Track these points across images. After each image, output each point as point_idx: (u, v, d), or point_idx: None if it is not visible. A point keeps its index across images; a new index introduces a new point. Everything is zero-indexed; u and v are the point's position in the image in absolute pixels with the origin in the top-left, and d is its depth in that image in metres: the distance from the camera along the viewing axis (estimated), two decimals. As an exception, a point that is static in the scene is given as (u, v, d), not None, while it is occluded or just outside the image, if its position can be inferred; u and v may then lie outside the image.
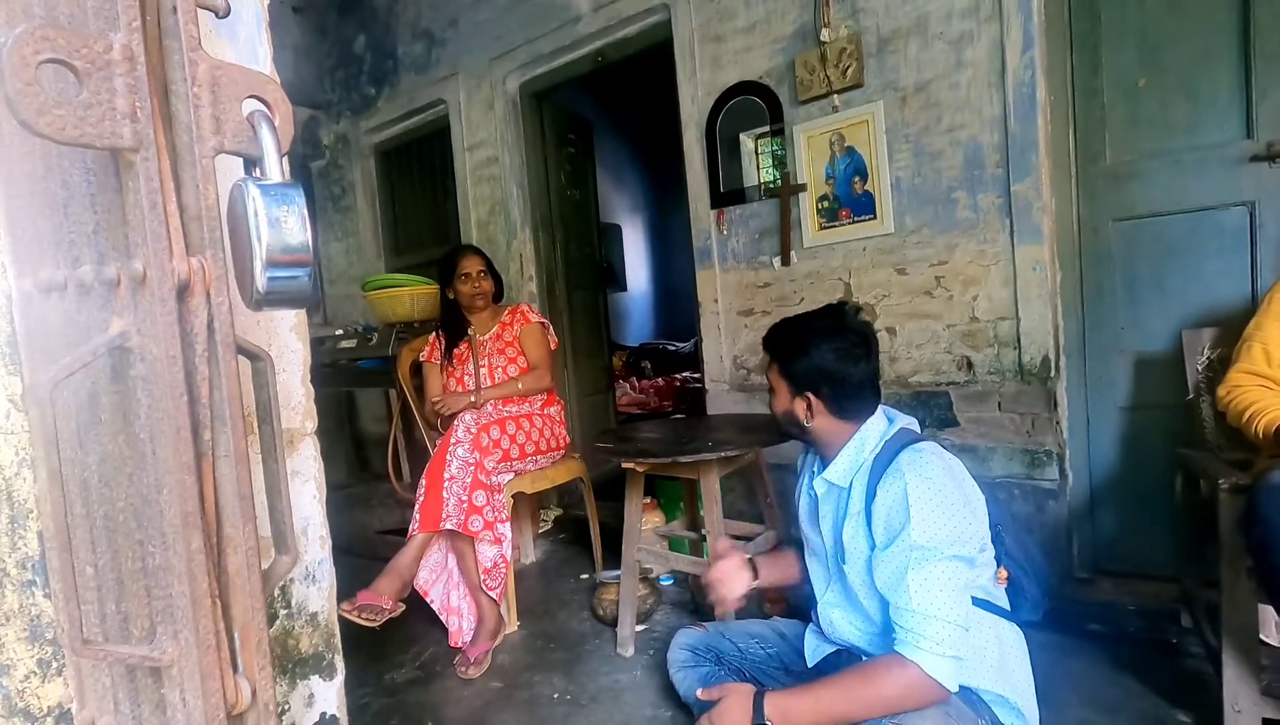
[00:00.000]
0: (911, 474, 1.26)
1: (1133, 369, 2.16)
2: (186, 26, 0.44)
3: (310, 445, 0.82)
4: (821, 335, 1.39)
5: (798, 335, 1.42)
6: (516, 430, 2.40)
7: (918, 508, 1.22)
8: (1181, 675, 1.75)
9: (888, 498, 1.27)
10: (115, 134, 0.41)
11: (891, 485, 1.28)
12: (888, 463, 1.32)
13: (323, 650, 0.81)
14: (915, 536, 1.21)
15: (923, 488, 1.24)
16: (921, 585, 1.18)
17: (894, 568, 1.22)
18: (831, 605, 1.47)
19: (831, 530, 1.45)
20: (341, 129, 4.44)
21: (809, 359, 1.39)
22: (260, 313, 0.59)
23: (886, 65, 2.40)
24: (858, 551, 1.35)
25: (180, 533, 0.43)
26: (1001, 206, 2.23)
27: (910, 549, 1.21)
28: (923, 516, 1.22)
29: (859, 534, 1.34)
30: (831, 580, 1.47)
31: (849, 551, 1.36)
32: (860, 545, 1.34)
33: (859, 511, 1.34)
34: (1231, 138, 1.95)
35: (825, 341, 1.38)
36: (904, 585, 1.19)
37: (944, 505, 1.23)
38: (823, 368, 1.38)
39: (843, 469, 1.39)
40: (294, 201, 0.45)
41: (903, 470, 1.28)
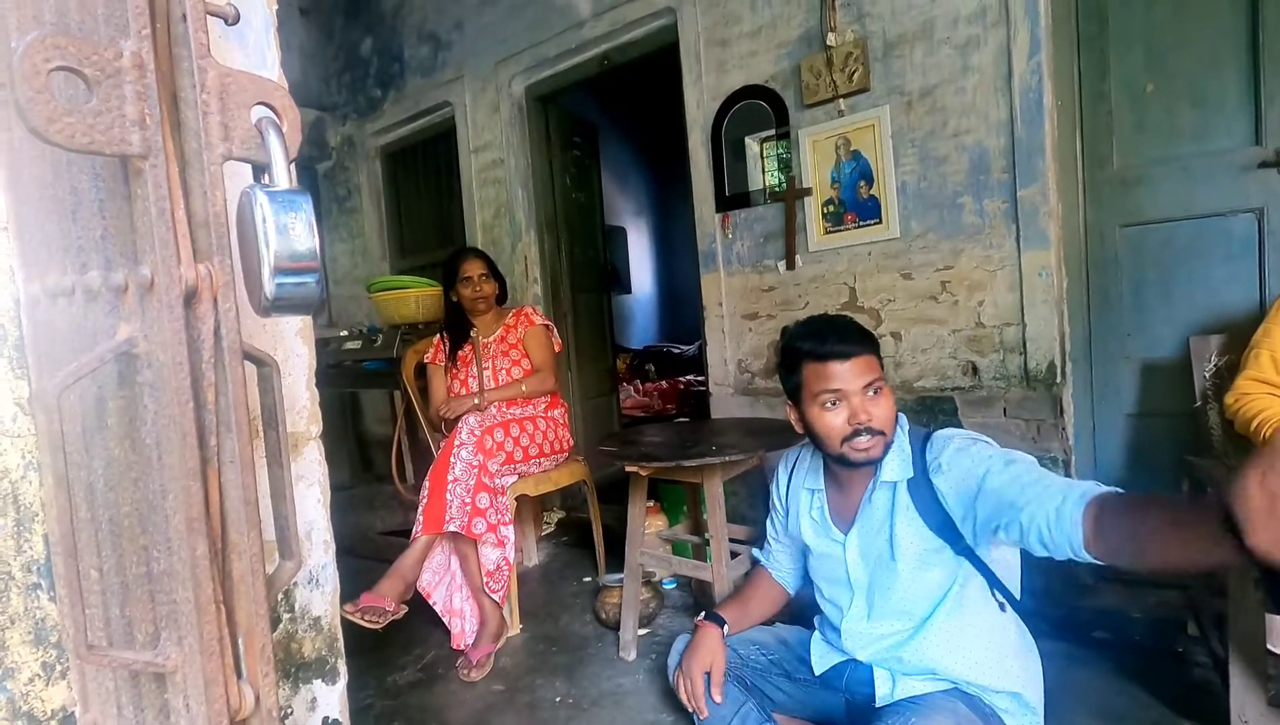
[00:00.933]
0: (955, 437, 1.30)
1: (1139, 375, 2.15)
2: (196, 34, 0.44)
3: (315, 449, 0.83)
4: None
5: (863, 328, 1.39)
6: (520, 433, 2.40)
7: (983, 447, 1.25)
8: (1188, 685, 1.73)
9: (952, 458, 1.26)
10: (124, 141, 0.41)
11: (946, 454, 1.27)
12: (923, 447, 1.33)
13: (325, 654, 0.82)
14: (1005, 453, 1.21)
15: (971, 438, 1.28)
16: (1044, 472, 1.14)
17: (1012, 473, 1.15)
18: (858, 619, 1.41)
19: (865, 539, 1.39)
20: (347, 131, 4.46)
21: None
22: (267, 318, 0.59)
23: (892, 70, 2.40)
24: (913, 545, 1.31)
25: (185, 538, 0.43)
26: (1008, 211, 2.22)
27: (1010, 458, 1.19)
28: (992, 449, 1.24)
29: (912, 523, 1.31)
30: (856, 594, 1.41)
31: (903, 548, 1.31)
32: (915, 537, 1.31)
33: (907, 504, 1.31)
34: (1240, 144, 1.94)
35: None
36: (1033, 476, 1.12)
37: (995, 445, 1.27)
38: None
39: (896, 465, 1.34)
40: (302, 208, 0.46)
41: (948, 440, 1.30)
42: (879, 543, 1.37)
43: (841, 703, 1.46)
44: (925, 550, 1.30)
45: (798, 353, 1.36)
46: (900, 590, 1.34)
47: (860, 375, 1.29)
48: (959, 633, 1.31)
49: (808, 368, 1.34)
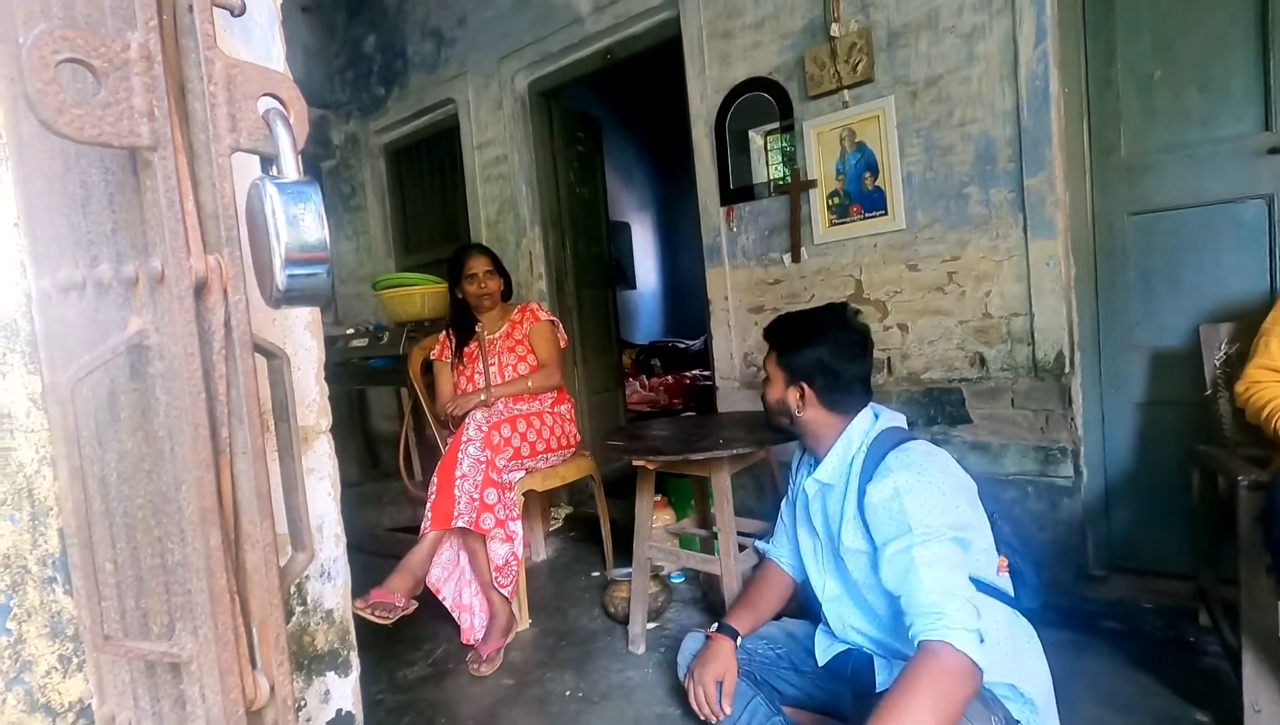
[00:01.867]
0: (901, 474, 1.28)
1: (1148, 364, 2.14)
2: (203, 25, 0.44)
3: (325, 443, 0.83)
4: (822, 330, 1.46)
5: (799, 328, 1.49)
6: (527, 428, 2.40)
7: (912, 500, 1.24)
8: (1199, 674, 1.73)
9: (880, 496, 1.28)
10: (133, 133, 0.41)
11: (882, 485, 1.29)
12: (876, 463, 1.35)
13: (338, 647, 0.82)
14: (915, 528, 1.22)
15: (913, 481, 1.27)
16: (930, 567, 1.18)
17: (901, 563, 1.22)
18: (833, 600, 1.49)
19: (824, 527, 1.48)
20: (351, 129, 4.46)
21: (809, 350, 1.45)
22: (277, 311, 0.59)
23: (897, 60, 2.38)
24: (858, 550, 1.37)
25: (199, 529, 0.43)
26: (1014, 201, 2.21)
27: (912, 542, 1.21)
28: (919, 507, 1.23)
29: (857, 534, 1.36)
30: (827, 577, 1.50)
31: (848, 550, 1.38)
32: (859, 544, 1.36)
33: (854, 514, 1.36)
34: (1249, 130, 1.92)
35: (825, 336, 1.45)
36: (913, 574, 1.19)
37: (937, 493, 1.26)
38: (820, 360, 1.44)
39: (832, 468, 1.44)
40: (311, 199, 0.46)
41: (891, 470, 1.30)
42: (832, 538, 1.45)
43: (847, 692, 1.48)
44: (866, 555, 1.35)
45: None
46: (854, 585, 1.41)
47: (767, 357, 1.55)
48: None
49: None
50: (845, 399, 1.45)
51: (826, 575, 1.51)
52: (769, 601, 1.65)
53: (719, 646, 1.51)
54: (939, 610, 1.14)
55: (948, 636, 1.11)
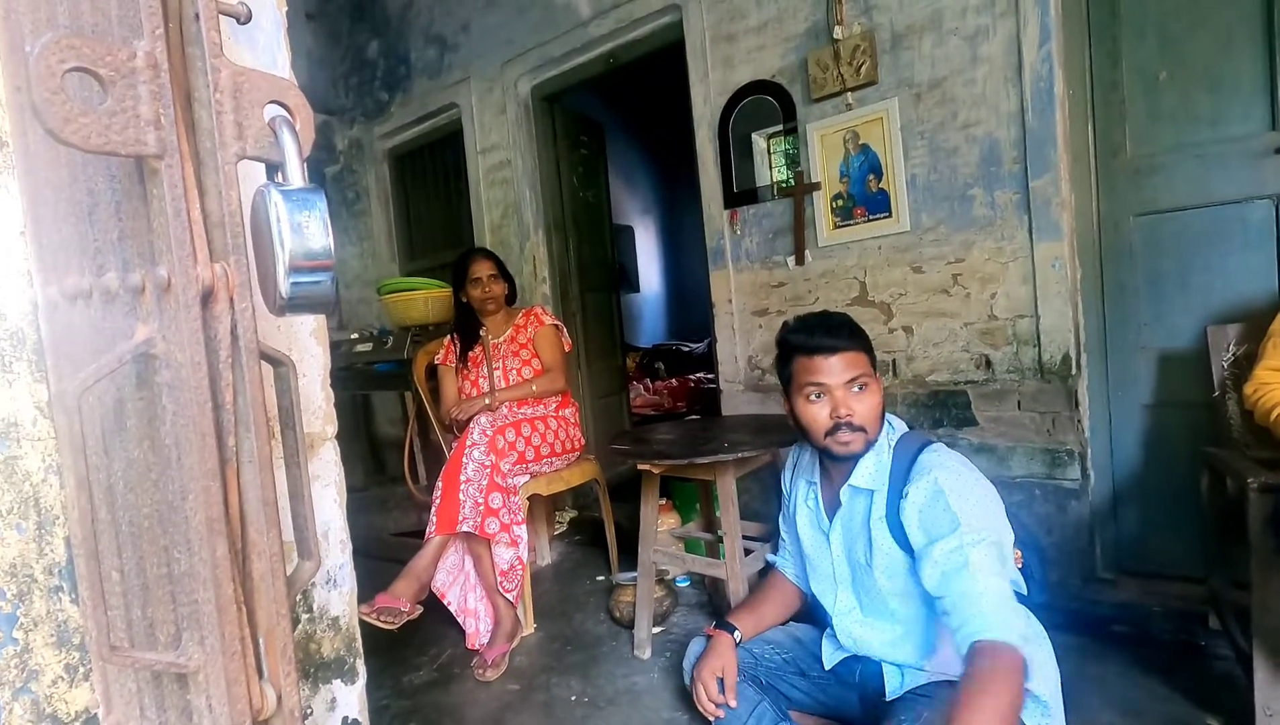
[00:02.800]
0: (941, 472, 1.26)
1: (1156, 366, 2.13)
2: (209, 33, 0.44)
3: (331, 449, 0.83)
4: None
5: (855, 324, 1.40)
6: (532, 432, 2.40)
7: (957, 500, 1.22)
8: (1210, 678, 1.71)
9: (920, 497, 1.26)
10: (140, 141, 0.41)
11: (922, 484, 1.27)
12: (909, 464, 1.32)
13: (344, 654, 0.82)
14: (965, 528, 1.19)
15: (955, 481, 1.25)
16: (984, 570, 1.16)
17: (953, 562, 1.18)
18: (845, 614, 1.45)
19: (844, 536, 1.43)
20: (355, 134, 4.47)
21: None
22: (282, 318, 0.59)
23: (901, 62, 2.38)
24: (887, 555, 1.33)
25: (205, 539, 0.43)
26: (1019, 203, 2.20)
27: (963, 542, 1.19)
28: (966, 507, 1.22)
29: (886, 537, 1.33)
30: (839, 588, 1.45)
31: (878, 555, 1.34)
32: (889, 548, 1.33)
33: (881, 516, 1.34)
34: (1255, 130, 1.91)
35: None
36: (966, 575, 1.16)
37: (980, 496, 1.25)
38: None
39: (869, 472, 1.38)
40: (316, 206, 0.45)
41: (931, 469, 1.28)
42: (859, 546, 1.40)
43: (855, 698, 1.47)
44: (897, 562, 1.33)
45: (788, 345, 1.39)
46: (880, 593, 1.37)
47: (844, 370, 1.32)
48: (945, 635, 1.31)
49: (797, 361, 1.37)
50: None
51: (839, 587, 1.46)
52: (773, 608, 1.63)
53: (716, 641, 1.50)
54: (999, 612, 1.13)
55: (1009, 638, 1.10)
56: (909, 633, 1.35)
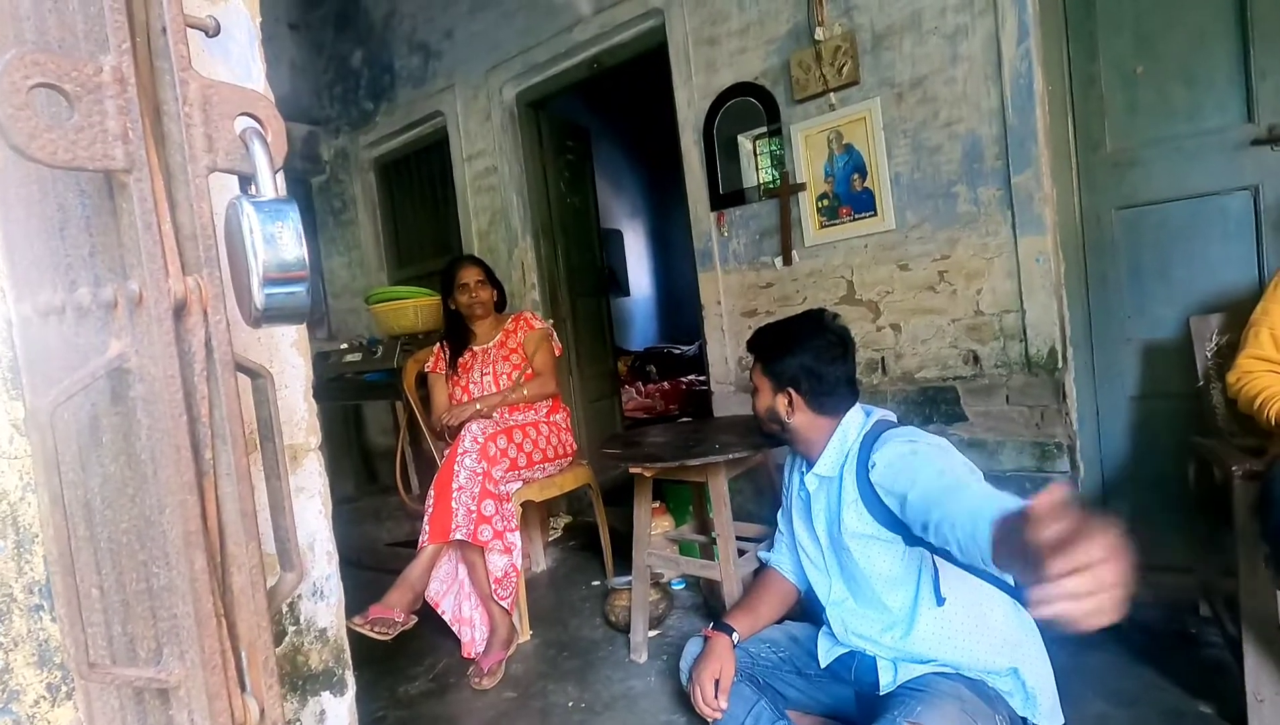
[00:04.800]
0: (902, 438, 1.34)
1: (1141, 357, 2.14)
2: (176, 47, 0.44)
3: (314, 460, 0.82)
4: (802, 336, 1.50)
5: (780, 336, 1.54)
6: (523, 439, 2.40)
7: (926, 454, 1.28)
8: (1202, 666, 1.73)
9: (887, 460, 1.32)
10: (108, 156, 0.41)
11: (886, 451, 1.33)
12: (870, 445, 1.39)
13: (333, 666, 0.81)
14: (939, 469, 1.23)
15: (919, 445, 1.31)
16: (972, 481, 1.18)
17: (940, 485, 1.19)
18: (838, 604, 1.49)
19: (827, 525, 1.49)
20: (340, 144, 4.46)
21: (791, 357, 1.49)
22: (260, 329, 0.59)
23: (882, 62, 2.39)
24: (864, 534, 1.38)
25: (183, 553, 0.42)
26: (1002, 199, 2.22)
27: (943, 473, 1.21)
28: (935, 457, 1.27)
29: (861, 516, 1.38)
30: (833, 579, 1.50)
31: (852, 536, 1.39)
32: (866, 527, 1.37)
33: (854, 499, 1.38)
34: (1232, 121, 1.93)
35: (806, 342, 1.49)
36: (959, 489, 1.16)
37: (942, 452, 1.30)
38: (803, 365, 1.48)
39: (831, 460, 1.46)
40: (288, 217, 0.45)
41: (892, 438, 1.35)
42: (835, 533, 1.45)
43: (851, 694, 1.48)
44: (876, 541, 1.37)
45: None
46: (865, 580, 1.41)
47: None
48: (945, 625, 1.34)
49: None
50: (832, 401, 1.48)
51: (832, 578, 1.51)
52: (769, 606, 1.65)
53: (714, 643, 1.52)
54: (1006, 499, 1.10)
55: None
56: (899, 619, 1.38)
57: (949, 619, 1.33)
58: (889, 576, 1.38)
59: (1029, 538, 0.75)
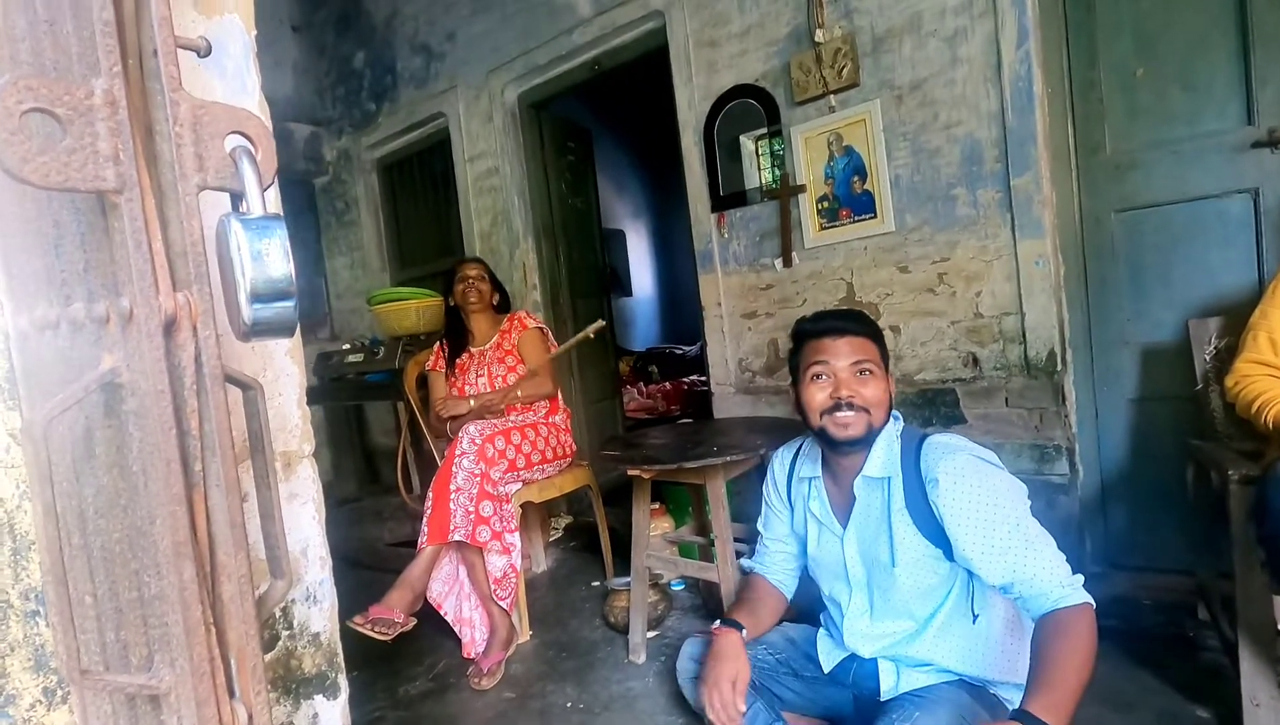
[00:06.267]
0: (963, 454, 1.27)
1: (1140, 360, 2.14)
2: (167, 69, 0.45)
3: (308, 467, 0.83)
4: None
5: (868, 317, 1.43)
6: (522, 440, 2.41)
7: (989, 480, 1.24)
8: (1199, 670, 1.73)
9: (958, 487, 1.24)
10: (99, 177, 0.42)
11: (953, 470, 1.25)
12: (916, 450, 1.32)
13: (326, 670, 0.82)
14: (1010, 507, 1.22)
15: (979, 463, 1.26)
16: (1042, 540, 1.21)
17: (1015, 540, 1.20)
18: (857, 617, 1.41)
19: (867, 532, 1.39)
20: (343, 144, 4.48)
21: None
22: (248, 342, 0.60)
23: (882, 64, 2.40)
24: (911, 549, 1.31)
25: (173, 564, 0.44)
26: (1002, 201, 2.22)
27: (1018, 521, 1.21)
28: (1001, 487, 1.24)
29: (910, 529, 1.31)
30: (854, 589, 1.41)
31: (901, 551, 1.31)
32: (913, 541, 1.30)
33: (902, 507, 1.31)
34: (1232, 125, 1.93)
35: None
36: (1033, 548, 1.19)
37: (1002, 474, 1.27)
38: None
39: (881, 461, 1.35)
40: (276, 234, 0.46)
41: (955, 452, 1.28)
42: (878, 545, 1.37)
43: (849, 698, 1.47)
44: (923, 557, 1.31)
45: (800, 332, 1.42)
46: (899, 593, 1.35)
47: (849, 353, 1.33)
48: (960, 631, 1.33)
49: (806, 345, 1.39)
50: None
51: (854, 588, 1.42)
52: (768, 612, 1.59)
53: (724, 641, 1.42)
54: (1070, 578, 1.18)
55: (1086, 598, 1.16)
56: (921, 630, 1.34)
57: (974, 633, 1.32)
58: (923, 588, 1.32)
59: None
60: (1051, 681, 1.08)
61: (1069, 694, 1.07)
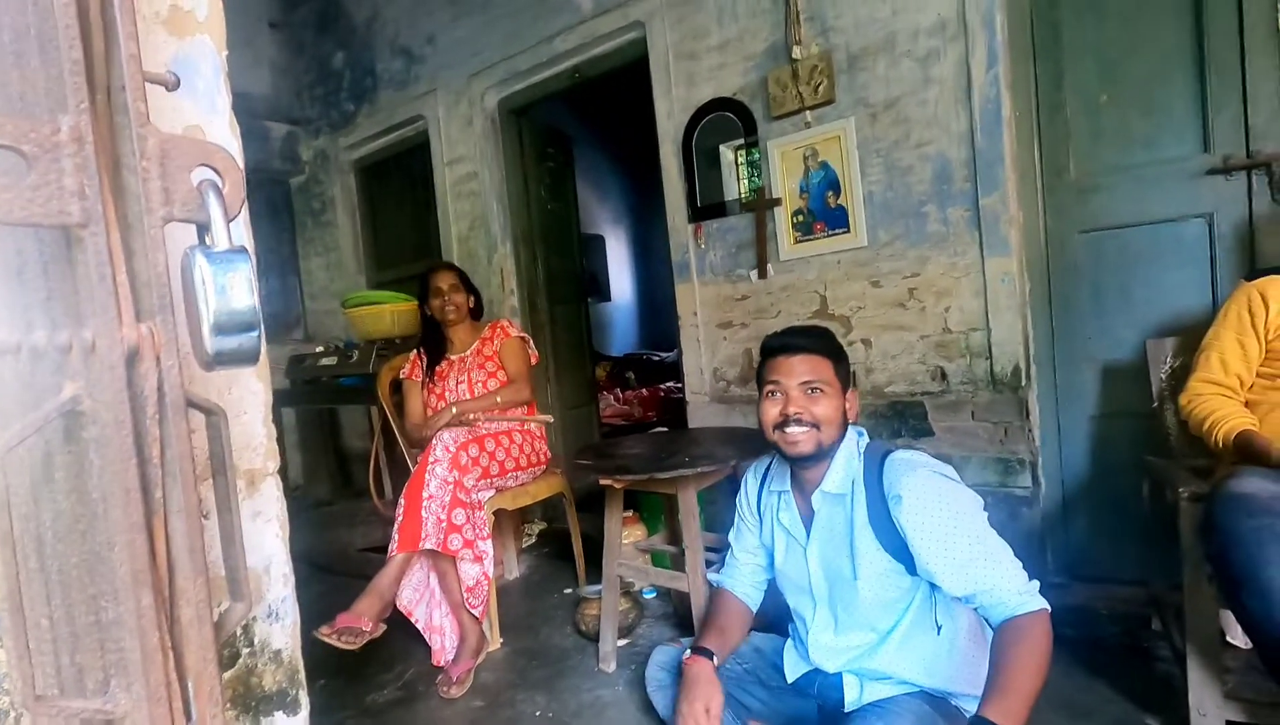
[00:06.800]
0: (924, 471, 1.32)
1: (1101, 378, 2.20)
2: (135, 104, 0.46)
3: (273, 485, 0.84)
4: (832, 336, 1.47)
5: (832, 334, 1.47)
6: (496, 447, 2.41)
7: (950, 495, 1.29)
8: (1152, 680, 1.78)
9: (920, 502, 1.28)
10: (64, 212, 0.43)
11: (915, 487, 1.29)
12: (879, 466, 1.36)
13: (286, 687, 0.83)
14: (968, 520, 1.27)
15: (940, 479, 1.31)
16: (1003, 552, 1.27)
17: (974, 553, 1.25)
18: (821, 630, 1.45)
19: (828, 547, 1.42)
20: (320, 145, 4.45)
21: (847, 357, 1.46)
22: (210, 372, 0.60)
23: (857, 82, 2.44)
24: (872, 563, 1.34)
25: (131, 590, 0.44)
26: (970, 220, 2.27)
27: (977, 533, 1.27)
28: (960, 501, 1.29)
29: (870, 541, 1.34)
30: (818, 604, 1.45)
31: (863, 565, 1.34)
32: (875, 555, 1.34)
33: (865, 521, 1.35)
34: (1189, 151, 2.00)
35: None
36: (992, 559, 1.25)
37: (954, 481, 1.33)
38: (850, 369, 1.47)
39: (839, 477, 1.40)
40: (240, 268, 0.47)
41: (917, 468, 1.32)
42: (840, 559, 1.40)
43: (814, 708, 1.49)
44: (885, 571, 1.35)
45: (763, 348, 1.47)
46: (861, 606, 1.38)
47: (802, 372, 1.37)
48: (920, 644, 1.36)
49: (765, 362, 1.45)
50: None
51: (818, 603, 1.45)
52: (734, 629, 1.60)
53: (700, 670, 1.45)
54: (1027, 585, 1.24)
55: (1043, 604, 1.22)
56: (883, 642, 1.37)
57: (937, 644, 1.35)
58: (885, 601, 1.35)
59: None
60: (1006, 687, 1.13)
61: (1023, 699, 1.12)
